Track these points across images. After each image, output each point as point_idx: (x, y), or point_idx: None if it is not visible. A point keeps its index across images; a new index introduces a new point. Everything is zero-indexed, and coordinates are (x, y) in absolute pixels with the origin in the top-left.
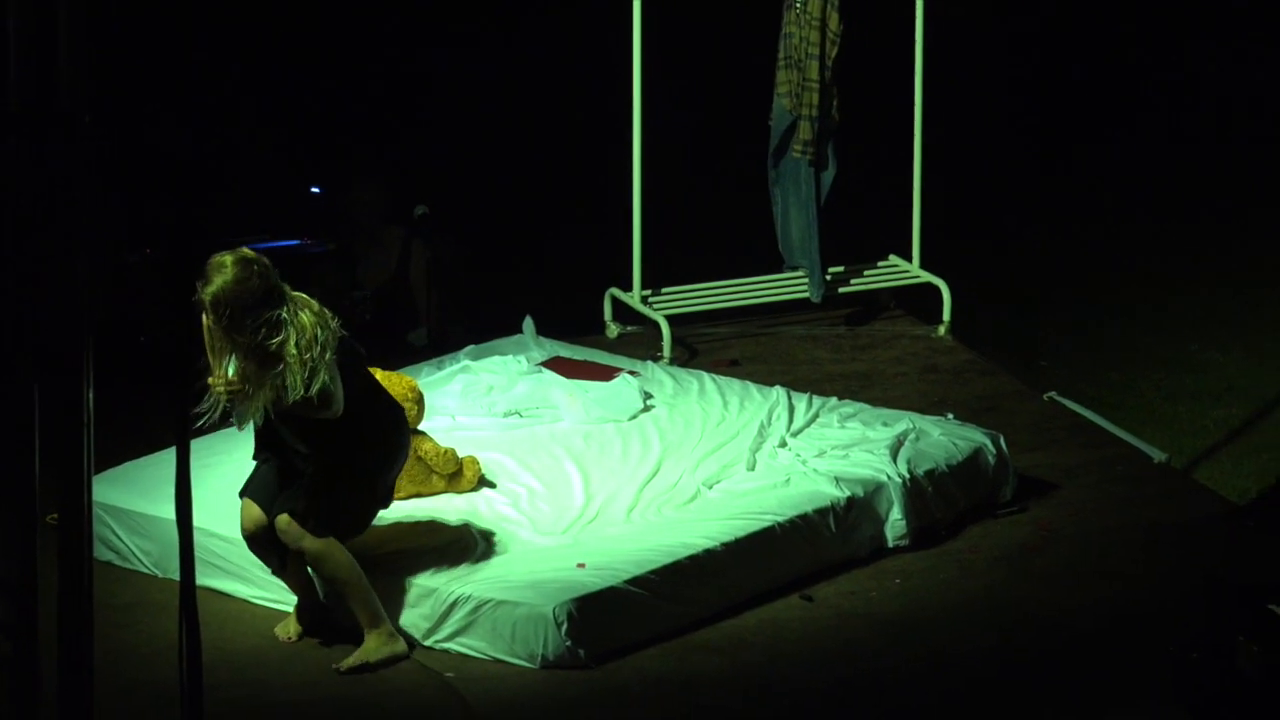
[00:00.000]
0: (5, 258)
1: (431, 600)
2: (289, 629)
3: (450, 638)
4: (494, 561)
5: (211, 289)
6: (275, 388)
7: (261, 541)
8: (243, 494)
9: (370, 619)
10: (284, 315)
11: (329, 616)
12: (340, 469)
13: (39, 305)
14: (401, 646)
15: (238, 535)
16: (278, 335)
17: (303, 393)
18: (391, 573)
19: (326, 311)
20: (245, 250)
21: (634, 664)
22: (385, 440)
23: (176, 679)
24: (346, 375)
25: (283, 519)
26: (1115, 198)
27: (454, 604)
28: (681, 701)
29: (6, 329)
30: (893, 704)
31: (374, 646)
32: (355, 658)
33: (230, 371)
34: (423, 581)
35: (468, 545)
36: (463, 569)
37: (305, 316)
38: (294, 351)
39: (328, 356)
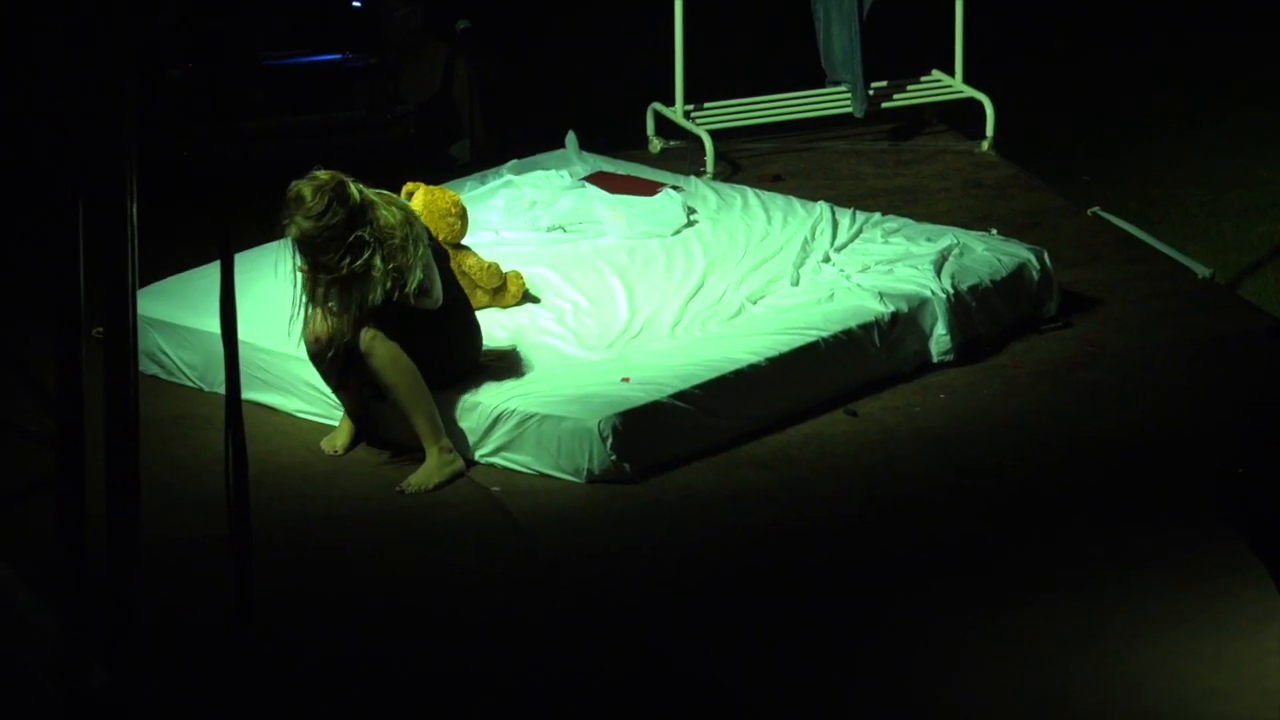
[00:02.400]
0: (48, 74)
1: (476, 414)
2: (335, 442)
3: (495, 452)
4: (538, 376)
5: (293, 233)
6: (359, 303)
7: (325, 350)
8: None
9: (432, 433)
10: (365, 235)
11: (376, 432)
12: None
13: (82, 121)
14: (460, 464)
15: (282, 349)
16: (362, 256)
17: (386, 296)
18: (435, 387)
19: (407, 204)
20: (320, 174)
21: (679, 479)
22: (463, 330)
23: (223, 492)
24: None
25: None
26: (1160, 7)
27: (498, 418)
28: (727, 515)
29: (51, 146)
30: (937, 518)
31: (435, 465)
32: (417, 479)
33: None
34: (467, 396)
35: (512, 360)
36: (507, 383)
37: (389, 214)
38: (379, 265)
39: (420, 251)
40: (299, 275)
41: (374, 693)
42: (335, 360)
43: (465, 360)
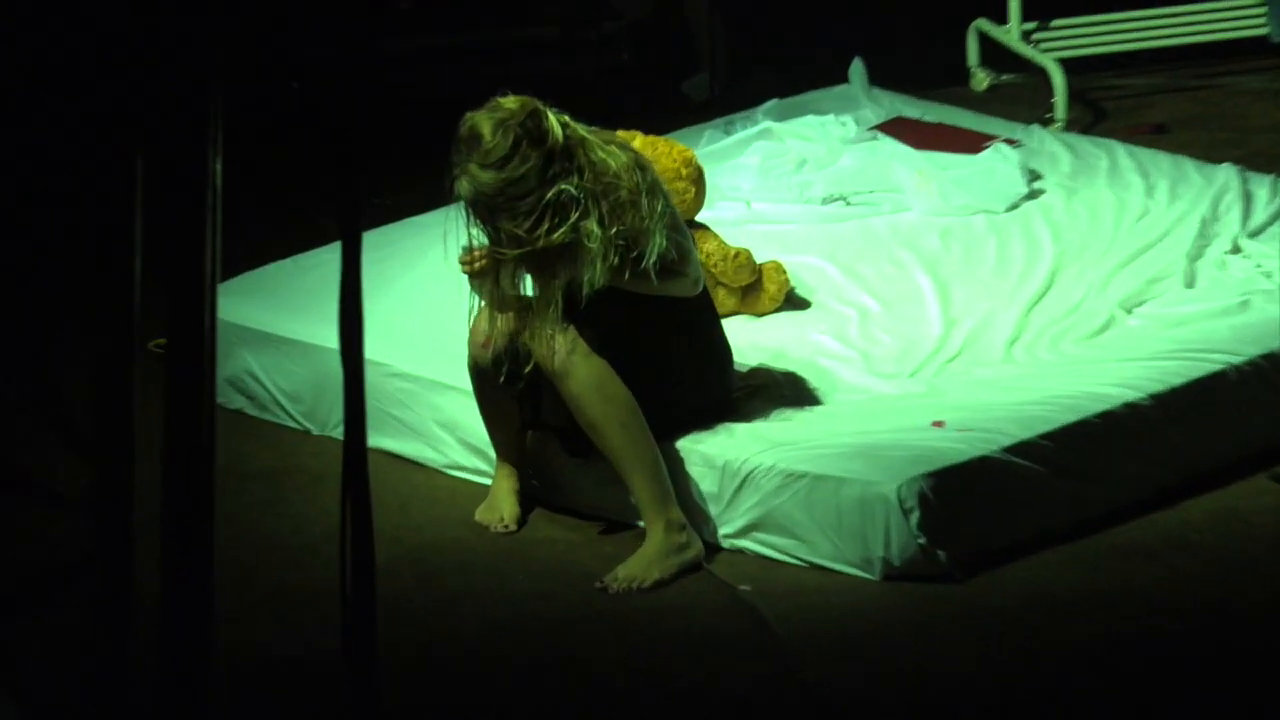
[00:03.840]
0: None
1: (717, 475)
2: (500, 512)
3: (744, 532)
4: (809, 417)
5: (465, 190)
6: (564, 291)
7: (497, 364)
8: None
9: (655, 498)
10: (572, 189)
11: (561, 494)
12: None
13: (147, 43)
14: (697, 549)
15: (426, 373)
16: (569, 219)
17: (614, 277)
18: (660, 430)
19: (632, 146)
20: (505, 102)
21: (1018, 574)
22: (704, 345)
23: (338, 586)
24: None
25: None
26: None
27: (749, 480)
28: (1093, 631)
29: (99, 78)
30: None
31: (658, 549)
32: (631, 570)
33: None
34: (704, 448)
35: (769, 392)
36: (761, 427)
37: (608, 157)
38: (597, 231)
39: (659, 206)
40: (474, 253)
41: None
42: (512, 379)
43: (707, 392)
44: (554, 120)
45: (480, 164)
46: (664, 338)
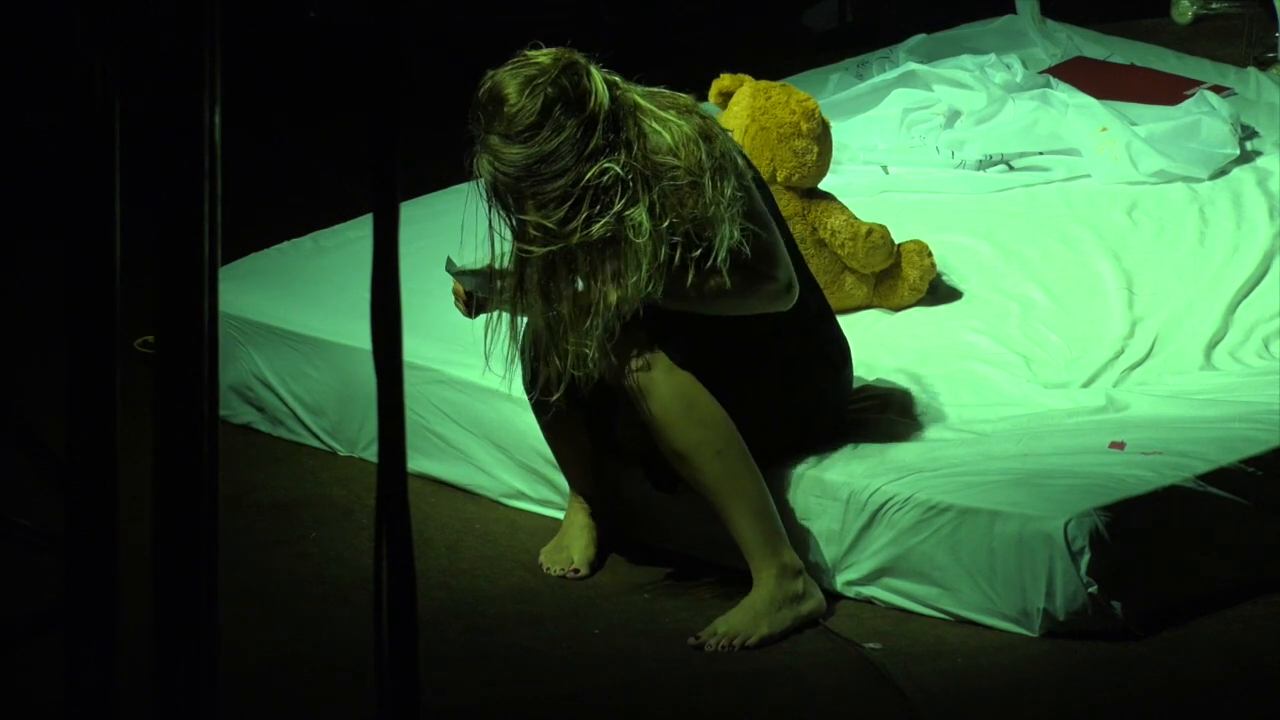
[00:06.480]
0: None
1: (840, 509)
2: (570, 553)
3: (873, 578)
4: (955, 437)
5: (485, 171)
6: (609, 297)
7: (556, 383)
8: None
9: (763, 539)
10: (616, 168)
11: (639, 534)
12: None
13: None
14: (816, 600)
15: (481, 379)
16: (610, 207)
17: (672, 281)
18: (762, 455)
19: (704, 112)
20: (535, 56)
21: (1213, 633)
22: (816, 349)
23: (371, 645)
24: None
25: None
26: None
27: (879, 515)
28: None
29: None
30: None
31: (769, 598)
32: (733, 624)
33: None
34: (823, 475)
35: (902, 406)
36: (893, 451)
37: (667, 133)
38: (645, 223)
39: (728, 189)
40: (502, 252)
41: None
42: (576, 397)
43: (821, 405)
44: (598, 79)
45: (503, 135)
46: (763, 340)
